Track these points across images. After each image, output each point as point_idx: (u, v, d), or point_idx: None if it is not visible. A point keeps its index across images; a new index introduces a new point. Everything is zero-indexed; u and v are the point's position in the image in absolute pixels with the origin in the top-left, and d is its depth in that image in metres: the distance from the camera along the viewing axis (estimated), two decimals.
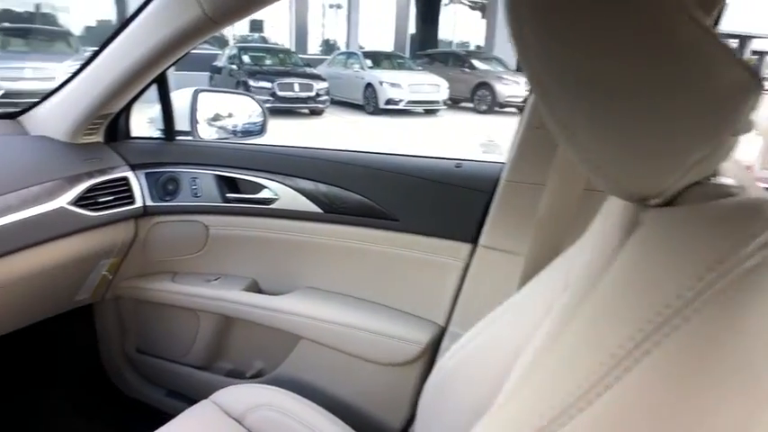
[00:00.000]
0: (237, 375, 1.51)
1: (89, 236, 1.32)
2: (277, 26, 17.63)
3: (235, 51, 11.80)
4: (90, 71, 1.29)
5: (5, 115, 1.42)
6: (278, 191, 1.34)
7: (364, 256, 1.29)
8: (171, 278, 1.50)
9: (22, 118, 1.40)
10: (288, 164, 1.36)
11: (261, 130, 1.78)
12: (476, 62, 13.52)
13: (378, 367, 1.26)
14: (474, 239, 1.16)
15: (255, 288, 1.45)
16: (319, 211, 1.30)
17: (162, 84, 1.43)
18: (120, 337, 1.66)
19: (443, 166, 1.24)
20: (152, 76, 1.30)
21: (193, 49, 1.25)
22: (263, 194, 1.36)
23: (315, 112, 11.07)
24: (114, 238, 1.40)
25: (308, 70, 11.47)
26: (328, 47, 18.42)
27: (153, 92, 1.43)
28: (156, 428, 1.07)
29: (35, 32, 10.95)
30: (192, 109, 1.57)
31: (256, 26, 17.70)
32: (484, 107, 12.47)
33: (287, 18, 17.13)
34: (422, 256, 1.22)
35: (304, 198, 1.31)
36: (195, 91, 1.59)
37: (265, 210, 1.36)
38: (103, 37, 1.30)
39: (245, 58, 11.47)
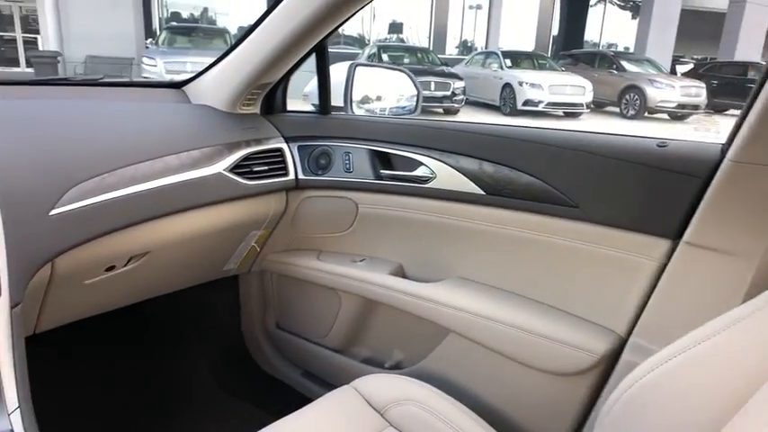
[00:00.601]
0: (375, 364, 1.43)
1: (243, 205, 1.30)
2: (416, 28, 17.81)
3: (374, 50, 12.07)
4: (249, 42, 1.28)
5: (172, 84, 1.47)
6: (435, 169, 1.23)
7: (531, 246, 1.13)
8: (316, 255, 1.46)
9: (186, 87, 1.43)
10: (448, 140, 1.23)
11: (413, 110, 1.68)
12: (625, 63, 12.58)
13: (539, 374, 1.09)
14: (676, 235, 0.95)
15: (401, 273, 1.35)
16: (481, 192, 1.16)
17: (321, 55, 1.39)
18: (261, 311, 1.65)
19: (641, 145, 1.03)
20: (310, 44, 1.26)
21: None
22: (419, 172, 1.26)
23: (449, 112, 10.96)
24: (266, 210, 1.38)
25: (446, 69, 11.39)
26: (465, 48, 18.27)
27: (299, 75, 1.40)
28: (292, 408, 1.02)
29: (197, 31, 12.09)
30: (347, 84, 1.51)
31: (395, 28, 18.00)
32: (631, 112, 11.55)
33: (426, 20, 17.24)
34: (604, 252, 1.04)
35: (464, 177, 1.18)
36: (352, 65, 1.53)
37: (420, 189, 1.25)
38: None
39: (384, 57, 11.69)
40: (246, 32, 1.29)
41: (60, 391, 1.31)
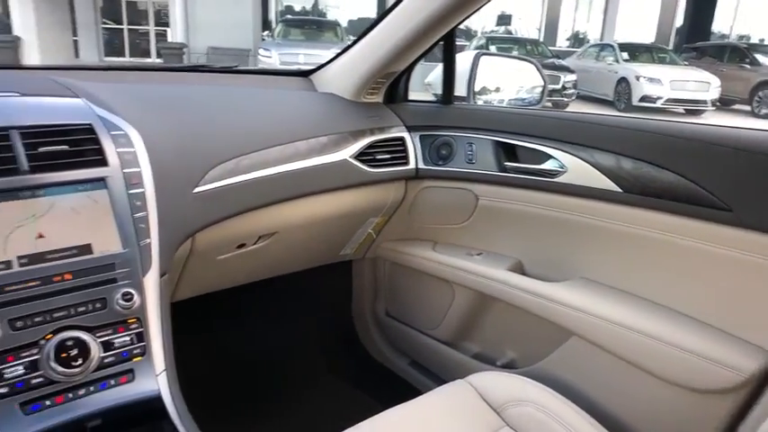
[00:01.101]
0: (486, 360, 1.40)
1: (364, 192, 1.32)
2: (525, 19, 17.25)
3: (482, 42, 11.85)
4: (378, 31, 1.28)
5: (300, 73, 1.51)
6: (566, 162, 1.17)
7: (672, 251, 1.04)
8: (431, 246, 1.45)
9: (313, 76, 1.47)
10: (582, 132, 1.17)
11: (537, 101, 1.62)
12: (760, 57, 11.36)
13: (672, 388, 1.01)
14: None
15: (519, 270, 1.31)
16: (617, 190, 1.09)
17: (449, 44, 1.37)
18: (372, 297, 1.68)
19: None
20: (439, 35, 1.24)
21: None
22: (548, 165, 1.20)
23: (558, 105, 10.51)
24: (385, 198, 1.39)
25: (556, 61, 10.94)
26: (577, 40, 17.43)
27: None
28: (398, 396, 1.02)
29: (310, 24, 12.50)
30: (471, 73, 1.48)
31: (504, 20, 17.54)
32: (765, 110, 10.44)
33: (537, 11, 16.64)
34: (759, 261, 0.93)
35: (599, 173, 1.11)
36: (477, 54, 1.50)
37: (548, 183, 1.20)
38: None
39: (492, 49, 11.42)
40: (375, 22, 1.30)
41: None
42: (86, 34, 12.61)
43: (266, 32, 12.77)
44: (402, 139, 1.37)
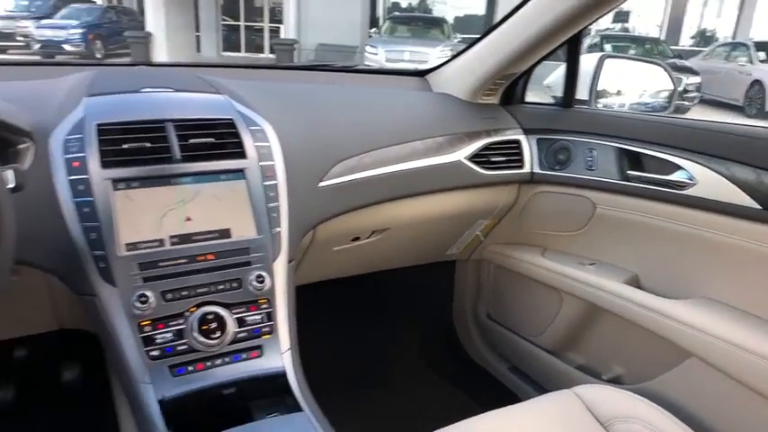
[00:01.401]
0: (591, 373, 1.35)
1: (476, 193, 1.33)
2: (645, 16, 16.21)
3: (596, 40, 11.28)
4: (499, 33, 1.28)
5: (416, 72, 1.54)
6: (697, 174, 1.10)
7: None
8: (540, 252, 1.42)
9: (429, 76, 1.49)
10: (717, 143, 1.09)
11: (664, 107, 1.53)
12: None
13: None
14: None
15: (635, 283, 1.25)
16: (756, 206, 1.01)
17: (574, 46, 1.33)
18: (473, 299, 1.68)
19: None
20: (564, 37, 1.22)
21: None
22: (675, 177, 1.14)
23: (678, 110, 9.79)
24: (496, 200, 1.39)
25: (678, 62, 10.18)
26: (703, 38, 16.09)
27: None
28: (497, 400, 1.01)
29: (416, 20, 12.55)
30: (594, 76, 1.43)
31: (621, 17, 16.59)
32: None
33: (659, 7, 15.56)
34: None
35: (735, 187, 1.04)
36: (601, 57, 1.45)
37: (675, 195, 1.13)
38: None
39: (607, 47, 10.85)
40: (496, 24, 1.29)
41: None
42: (207, 31, 13.54)
43: (373, 30, 12.99)
44: (518, 141, 1.36)
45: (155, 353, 0.78)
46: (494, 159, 1.31)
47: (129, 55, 11.46)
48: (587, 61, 1.44)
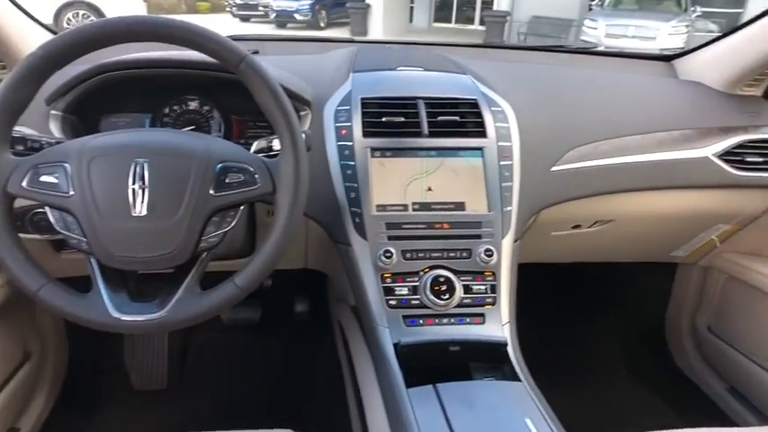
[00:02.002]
0: None
1: (720, 195, 1.20)
2: None
3: None
4: None
5: (661, 57, 1.42)
6: None
7: None
8: None
9: (676, 62, 1.37)
10: None
11: None
12: None
13: None
14: None
15: None
16: None
17: None
18: (693, 308, 1.54)
19: None
20: None
21: None
22: None
23: None
24: (743, 205, 1.24)
25: None
26: None
27: None
28: (711, 423, 0.92)
29: None
30: None
31: None
32: None
33: None
34: None
35: None
36: None
37: None
38: None
39: None
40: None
41: None
42: (421, 2, 13.89)
43: (596, 1, 12.06)
44: None
45: (392, 302, 0.87)
46: (749, 159, 1.17)
47: (347, 24, 12.32)
48: None
